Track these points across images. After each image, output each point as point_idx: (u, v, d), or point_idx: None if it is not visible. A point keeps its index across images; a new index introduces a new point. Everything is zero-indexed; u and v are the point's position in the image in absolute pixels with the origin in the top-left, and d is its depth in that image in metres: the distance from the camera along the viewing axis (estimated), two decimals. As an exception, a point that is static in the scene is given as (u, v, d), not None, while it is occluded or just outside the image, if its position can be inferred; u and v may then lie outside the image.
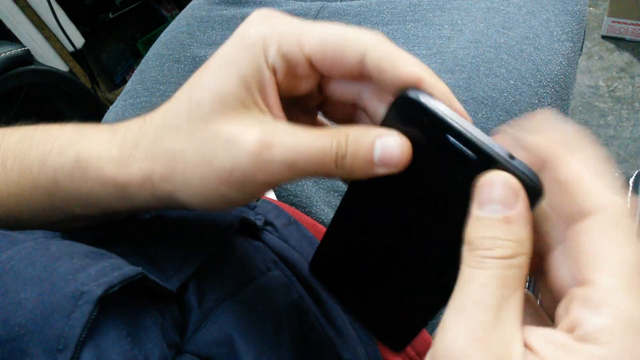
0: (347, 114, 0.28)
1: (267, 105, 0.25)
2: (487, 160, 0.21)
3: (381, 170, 0.23)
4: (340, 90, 0.27)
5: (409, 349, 0.42)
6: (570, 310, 0.19)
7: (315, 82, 0.27)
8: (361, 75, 0.25)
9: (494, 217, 0.20)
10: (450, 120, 0.22)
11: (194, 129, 0.25)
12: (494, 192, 0.20)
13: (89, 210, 0.29)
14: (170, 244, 0.32)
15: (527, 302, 0.22)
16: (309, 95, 0.28)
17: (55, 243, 0.27)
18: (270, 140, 0.23)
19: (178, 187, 0.25)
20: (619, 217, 0.19)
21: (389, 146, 0.23)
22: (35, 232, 0.29)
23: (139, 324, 0.26)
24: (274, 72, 0.25)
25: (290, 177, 0.24)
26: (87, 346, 0.23)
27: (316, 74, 0.26)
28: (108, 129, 0.28)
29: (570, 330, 0.19)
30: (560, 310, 0.20)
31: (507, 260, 0.19)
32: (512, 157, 0.21)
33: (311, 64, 0.25)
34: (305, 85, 0.26)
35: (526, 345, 0.19)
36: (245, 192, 0.25)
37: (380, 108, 0.26)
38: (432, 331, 0.43)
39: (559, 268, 0.21)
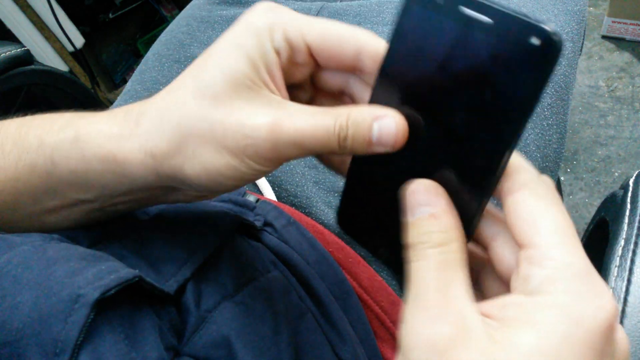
0: (335, 103, 0.30)
1: (276, 86, 0.27)
2: (506, 20, 0.21)
3: (379, 149, 0.25)
4: (330, 80, 0.29)
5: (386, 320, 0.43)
6: (519, 272, 0.22)
7: (309, 72, 0.28)
8: (354, 67, 0.27)
9: (423, 217, 0.23)
10: None
11: (203, 107, 0.25)
12: (418, 197, 0.24)
13: (84, 193, 0.29)
14: (167, 245, 0.32)
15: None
16: (301, 86, 0.30)
17: (52, 246, 0.27)
18: (281, 122, 0.25)
19: (187, 161, 0.26)
20: (547, 189, 0.23)
21: (386, 128, 0.25)
22: (32, 235, 0.29)
23: (136, 327, 0.26)
24: (279, 55, 0.26)
25: (299, 155, 0.26)
26: (84, 349, 0.23)
27: (312, 64, 0.28)
28: (108, 112, 0.29)
29: (521, 290, 0.21)
30: (512, 280, 0.22)
31: (443, 247, 0.22)
32: (525, 15, 0.21)
33: (310, 54, 0.27)
34: (300, 74, 0.28)
35: (485, 315, 0.21)
36: (255, 168, 0.26)
37: (365, 94, 0.28)
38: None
39: (504, 252, 0.23)
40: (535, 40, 0.20)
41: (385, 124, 0.25)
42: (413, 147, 0.25)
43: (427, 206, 0.23)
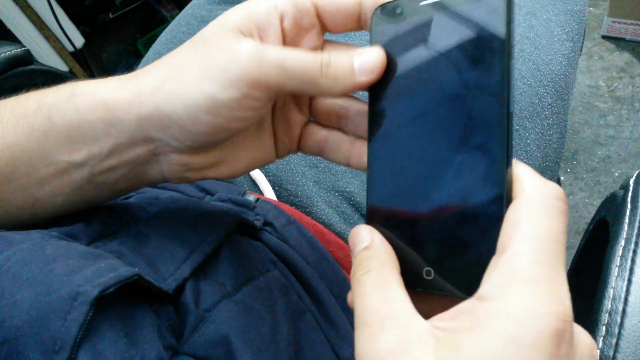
0: (317, 144, 0.33)
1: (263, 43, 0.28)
2: None
3: (362, 78, 0.27)
4: (327, 104, 0.31)
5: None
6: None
7: (318, 41, 0.30)
8: (359, 21, 0.29)
9: (359, 251, 0.25)
10: None
11: (194, 48, 0.28)
12: (355, 239, 0.26)
13: (76, 153, 0.29)
14: (166, 244, 0.32)
15: None
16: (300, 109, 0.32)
17: (51, 244, 0.27)
18: (264, 47, 0.26)
19: (165, 94, 0.27)
20: (546, 198, 0.22)
21: (366, 59, 0.27)
22: (31, 232, 0.29)
23: (136, 325, 0.26)
24: (282, 20, 0.28)
25: (280, 79, 0.26)
26: (83, 347, 0.23)
27: (319, 31, 0.30)
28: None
29: (476, 295, 0.21)
30: None
31: (376, 270, 0.24)
32: None
33: (318, 15, 0.29)
34: (308, 43, 0.30)
35: (436, 327, 0.21)
36: (235, 93, 0.26)
37: (361, 123, 0.30)
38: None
39: None
40: None
41: (364, 57, 0.27)
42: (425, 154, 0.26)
43: (361, 242, 0.26)
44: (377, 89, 0.28)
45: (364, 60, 0.27)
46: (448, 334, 0.20)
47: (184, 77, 0.27)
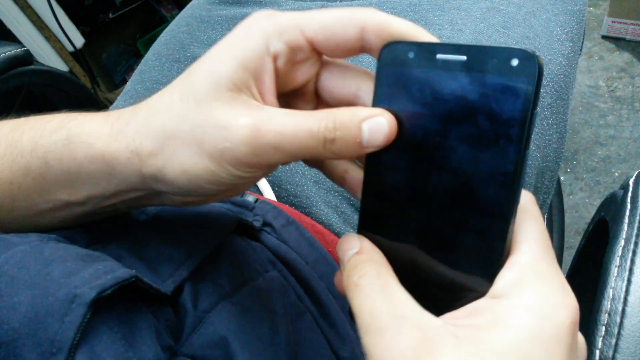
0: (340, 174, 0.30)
1: (260, 92, 0.26)
2: (479, 54, 0.22)
3: (369, 150, 0.25)
4: (336, 89, 0.28)
5: None
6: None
7: (312, 72, 0.28)
8: (361, 48, 0.26)
9: (350, 257, 0.25)
10: (432, 41, 0.24)
11: (187, 109, 0.25)
12: (343, 246, 0.26)
13: (75, 195, 0.29)
14: (165, 246, 0.32)
15: None
16: (304, 95, 0.29)
17: (49, 246, 0.27)
18: (260, 125, 0.24)
19: (167, 162, 0.26)
20: (528, 202, 0.24)
21: (376, 126, 0.24)
22: (29, 235, 0.29)
23: (133, 327, 0.26)
24: (275, 60, 0.26)
25: (281, 159, 0.25)
26: (80, 349, 0.23)
27: (315, 62, 0.27)
28: (102, 113, 0.29)
29: (489, 294, 0.22)
30: None
31: (376, 272, 0.24)
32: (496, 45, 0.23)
33: (312, 47, 0.26)
34: (303, 75, 0.27)
35: (451, 324, 0.22)
36: (234, 173, 0.25)
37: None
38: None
39: None
40: (514, 62, 0.21)
41: (375, 123, 0.24)
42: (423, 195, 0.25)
43: (351, 249, 0.25)
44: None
45: (374, 131, 0.24)
46: (468, 331, 0.21)
47: (181, 148, 0.25)
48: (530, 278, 0.21)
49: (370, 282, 0.23)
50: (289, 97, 0.29)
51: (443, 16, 0.58)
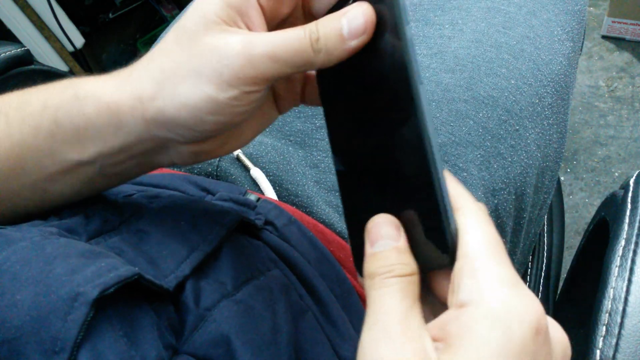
0: None
1: (248, 27, 0.28)
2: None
3: (354, 43, 0.26)
4: (325, 5, 0.30)
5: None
6: (451, 286, 0.23)
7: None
8: None
9: (386, 249, 0.24)
10: None
11: (182, 47, 0.27)
12: (382, 230, 0.25)
13: (84, 153, 0.30)
14: (167, 241, 0.32)
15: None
16: (294, 22, 0.31)
17: (50, 242, 0.27)
18: (253, 39, 0.26)
19: (167, 100, 0.27)
20: (480, 211, 0.24)
21: (354, 18, 0.26)
22: (31, 230, 0.29)
23: (136, 325, 0.26)
24: None
25: (275, 68, 0.26)
26: (83, 348, 0.23)
27: None
28: (108, 74, 0.30)
29: (455, 303, 0.22)
30: (448, 297, 0.23)
31: (406, 278, 0.23)
32: None
33: None
34: (288, 3, 0.29)
35: (433, 339, 0.22)
36: (234, 92, 0.26)
37: None
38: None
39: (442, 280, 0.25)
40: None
41: (352, 14, 0.26)
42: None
43: (389, 239, 0.24)
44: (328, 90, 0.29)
45: (352, 23, 0.26)
46: (445, 352, 0.21)
47: (180, 82, 0.27)
48: (492, 284, 0.21)
49: (400, 288, 0.23)
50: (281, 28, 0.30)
51: (444, 16, 0.58)
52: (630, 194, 0.46)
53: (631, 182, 0.47)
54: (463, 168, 0.49)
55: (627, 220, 0.44)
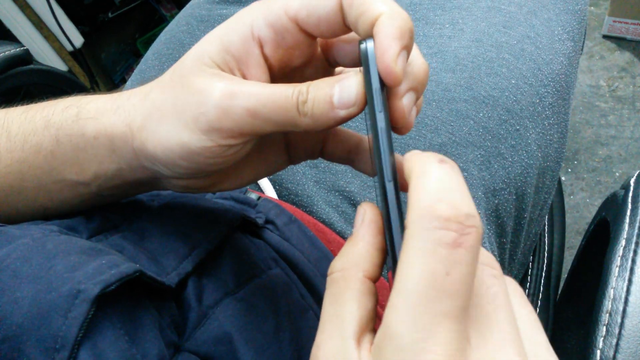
0: (346, 151, 0.30)
1: (244, 76, 0.26)
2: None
3: (342, 113, 0.24)
4: (342, 57, 0.28)
5: None
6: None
7: (309, 51, 0.27)
8: (345, 28, 0.25)
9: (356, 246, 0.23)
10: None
11: (173, 84, 0.26)
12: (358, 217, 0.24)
13: (83, 174, 0.30)
14: (169, 239, 0.32)
15: None
16: (313, 69, 0.29)
17: (51, 239, 0.27)
18: (234, 90, 0.24)
19: (149, 135, 0.27)
20: (426, 229, 0.19)
21: (347, 88, 0.24)
22: (31, 227, 0.29)
23: (137, 323, 0.26)
24: (261, 45, 0.26)
25: (254, 125, 0.25)
26: (84, 345, 0.23)
27: (309, 42, 0.27)
28: (111, 93, 0.30)
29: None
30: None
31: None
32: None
33: (300, 28, 0.25)
34: (300, 55, 0.27)
35: None
36: (208, 143, 0.25)
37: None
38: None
39: None
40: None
41: (345, 84, 0.24)
42: None
43: (358, 223, 0.24)
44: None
45: (344, 92, 0.24)
46: None
47: (162, 120, 0.26)
48: (387, 345, 0.18)
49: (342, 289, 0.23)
50: (298, 76, 0.29)
51: (444, 15, 0.58)
52: (630, 194, 0.46)
53: (632, 182, 0.47)
54: (463, 168, 0.49)
55: (627, 220, 0.44)
